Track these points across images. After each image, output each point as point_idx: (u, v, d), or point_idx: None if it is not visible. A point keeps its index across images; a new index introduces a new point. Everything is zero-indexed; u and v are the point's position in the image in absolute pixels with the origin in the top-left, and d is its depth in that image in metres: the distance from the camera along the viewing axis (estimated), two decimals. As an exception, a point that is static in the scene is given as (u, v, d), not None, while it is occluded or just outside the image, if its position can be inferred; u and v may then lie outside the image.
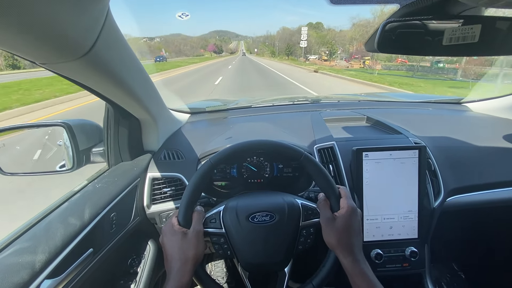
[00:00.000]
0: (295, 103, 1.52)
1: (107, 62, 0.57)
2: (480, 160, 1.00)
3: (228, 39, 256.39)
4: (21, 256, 0.53)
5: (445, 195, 0.91)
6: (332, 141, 0.96)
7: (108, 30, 0.51)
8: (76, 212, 0.67)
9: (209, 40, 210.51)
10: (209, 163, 0.67)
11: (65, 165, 0.92)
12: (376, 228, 0.86)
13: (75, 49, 0.47)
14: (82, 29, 0.44)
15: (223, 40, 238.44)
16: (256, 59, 59.80)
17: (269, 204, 0.67)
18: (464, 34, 0.52)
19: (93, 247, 0.66)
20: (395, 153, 0.85)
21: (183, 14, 63.98)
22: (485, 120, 1.30)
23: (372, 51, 0.60)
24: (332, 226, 0.61)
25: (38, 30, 0.38)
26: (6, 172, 0.85)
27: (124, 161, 0.94)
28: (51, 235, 0.59)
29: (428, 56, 0.96)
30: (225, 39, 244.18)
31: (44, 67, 0.50)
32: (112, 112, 0.86)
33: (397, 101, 1.67)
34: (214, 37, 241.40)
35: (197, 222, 0.63)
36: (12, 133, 0.91)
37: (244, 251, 0.64)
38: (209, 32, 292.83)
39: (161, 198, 0.93)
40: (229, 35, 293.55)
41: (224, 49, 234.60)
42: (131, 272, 0.86)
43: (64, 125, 0.85)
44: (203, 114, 1.39)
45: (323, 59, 48.44)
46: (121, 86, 0.68)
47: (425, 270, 0.89)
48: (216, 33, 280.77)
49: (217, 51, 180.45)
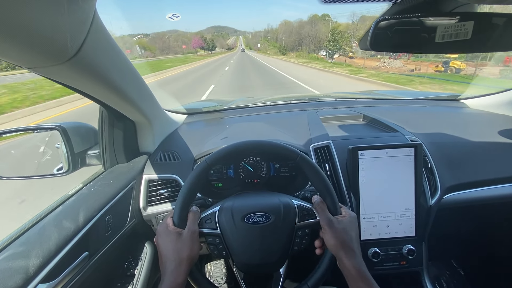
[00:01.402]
0: (292, 102, 1.51)
1: (96, 64, 0.57)
2: (477, 157, 1.00)
3: (226, 34, 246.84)
4: (14, 261, 0.53)
5: (442, 192, 0.91)
6: (328, 140, 0.96)
7: (95, 31, 0.51)
8: (71, 215, 0.67)
9: (205, 36, 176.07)
10: (204, 163, 0.67)
11: (62, 168, 0.92)
12: (373, 226, 0.86)
13: (61, 52, 0.46)
14: (67, 31, 0.43)
15: (221, 35, 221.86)
16: (261, 58, 43.01)
17: (265, 205, 0.67)
18: (457, 31, 0.52)
19: (88, 250, 0.66)
20: (391, 151, 0.85)
21: (174, 15, 62.69)
22: (482, 117, 1.30)
23: (365, 49, 0.60)
24: (335, 228, 0.61)
25: (21, 34, 0.37)
26: (2, 176, 0.85)
27: (119, 163, 0.94)
28: (45, 239, 0.58)
29: (420, 53, 0.95)
30: (223, 35, 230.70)
31: (31, 71, 0.50)
32: (106, 114, 0.85)
33: (394, 98, 1.67)
34: (211, 32, 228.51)
35: (192, 223, 0.63)
36: (7, 138, 0.91)
37: (239, 252, 0.64)
38: (207, 27, 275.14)
39: (157, 200, 0.93)
40: (228, 30, 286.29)
41: (218, 44, 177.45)
42: (128, 274, 0.86)
43: (58, 128, 0.84)
44: (200, 114, 1.39)
45: (348, 56, 37.33)
46: (113, 88, 0.67)
47: (423, 268, 0.89)
48: (214, 29, 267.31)
49: (207, 47, 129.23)
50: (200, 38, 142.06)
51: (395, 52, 0.65)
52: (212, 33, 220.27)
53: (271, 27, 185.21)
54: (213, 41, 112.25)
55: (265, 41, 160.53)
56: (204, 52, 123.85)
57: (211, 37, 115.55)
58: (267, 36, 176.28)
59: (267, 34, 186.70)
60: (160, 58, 72.30)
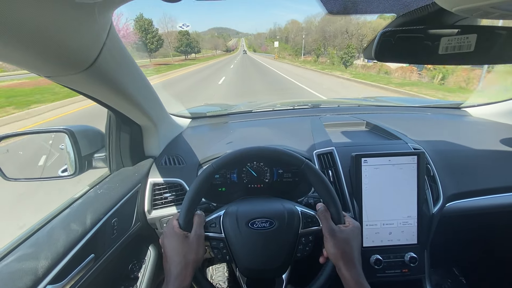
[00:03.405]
0: (295, 107, 1.52)
1: (111, 73, 0.59)
2: (480, 165, 1.00)
3: (227, 35, 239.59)
4: (24, 262, 0.54)
5: (444, 200, 0.91)
6: (331, 147, 0.97)
7: (111, 42, 0.53)
8: (78, 218, 0.68)
9: (204, 38, 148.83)
10: (211, 168, 0.68)
11: (67, 170, 0.93)
12: (375, 233, 0.86)
13: (80, 62, 0.48)
14: (86, 43, 0.46)
15: (222, 36, 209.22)
16: (279, 70, 21.02)
17: (269, 211, 0.68)
18: (460, 43, 0.53)
19: (94, 252, 0.67)
20: (394, 159, 0.86)
21: (184, 24, 60.44)
22: (484, 125, 1.30)
23: (369, 59, 0.61)
24: (337, 238, 0.62)
25: (45, 45, 0.39)
26: (10, 178, 0.86)
27: (125, 167, 0.95)
28: (54, 241, 0.59)
29: (424, 64, 0.97)
30: (224, 36, 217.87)
31: (50, 79, 0.52)
32: (114, 118, 0.87)
33: (397, 105, 1.67)
34: (213, 34, 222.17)
35: (198, 226, 0.64)
36: (15, 139, 0.92)
37: (243, 256, 0.64)
38: (208, 29, 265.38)
39: (161, 204, 0.94)
40: (230, 32, 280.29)
41: (211, 45, 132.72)
42: (131, 277, 0.87)
43: (66, 131, 0.86)
44: (204, 119, 1.40)
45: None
46: (124, 95, 0.69)
47: (424, 276, 0.89)
48: (215, 30, 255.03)
49: (185, 49, 56.07)
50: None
51: (399, 62, 0.66)
52: (213, 34, 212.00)
53: (278, 26, 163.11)
54: (188, 40, 57.65)
55: (270, 42, 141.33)
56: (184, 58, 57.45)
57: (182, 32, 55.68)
58: (274, 36, 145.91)
59: (272, 34, 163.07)
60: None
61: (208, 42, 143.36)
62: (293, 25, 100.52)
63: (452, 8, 0.40)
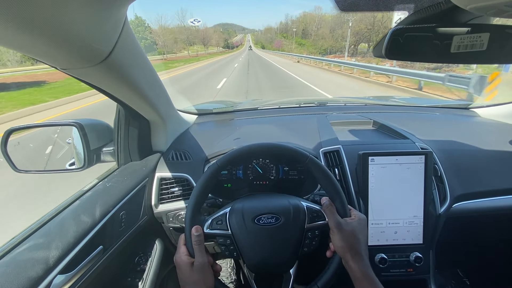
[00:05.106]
0: (301, 105, 1.52)
1: (124, 67, 0.60)
2: (487, 167, 0.99)
3: (233, 31, 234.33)
4: (36, 251, 0.55)
5: (451, 201, 0.91)
6: (338, 145, 0.97)
7: (125, 36, 0.54)
8: (88, 210, 0.69)
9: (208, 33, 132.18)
10: (215, 165, 0.68)
11: (75, 164, 0.94)
12: (381, 232, 0.86)
13: (95, 55, 0.49)
14: (102, 36, 0.46)
15: (227, 32, 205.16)
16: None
17: (275, 206, 0.68)
18: (473, 42, 0.53)
19: (103, 244, 0.68)
20: (401, 158, 0.85)
21: (195, 20, 61.56)
22: (493, 126, 1.29)
23: (379, 57, 0.61)
24: (343, 231, 0.62)
25: (62, 38, 0.40)
26: (20, 170, 0.87)
27: (133, 161, 0.96)
28: (64, 232, 0.61)
29: (435, 63, 0.95)
30: (229, 32, 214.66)
31: (64, 72, 0.53)
32: (123, 113, 0.88)
33: (404, 105, 1.66)
34: (218, 30, 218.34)
35: (199, 255, 0.63)
36: (25, 132, 0.94)
37: (250, 253, 0.65)
38: (214, 25, 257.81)
39: (168, 198, 0.95)
40: (235, 28, 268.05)
41: (212, 41, 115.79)
42: (138, 269, 0.88)
43: (76, 124, 0.87)
44: (210, 115, 1.41)
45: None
46: (135, 89, 0.70)
47: (429, 276, 0.89)
48: (221, 26, 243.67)
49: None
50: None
51: (410, 60, 0.66)
52: (218, 30, 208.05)
53: (290, 18, 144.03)
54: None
55: (281, 37, 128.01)
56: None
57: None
58: (286, 30, 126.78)
59: (285, 28, 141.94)
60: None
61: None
62: (310, 16, 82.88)
63: (467, 6, 0.40)
